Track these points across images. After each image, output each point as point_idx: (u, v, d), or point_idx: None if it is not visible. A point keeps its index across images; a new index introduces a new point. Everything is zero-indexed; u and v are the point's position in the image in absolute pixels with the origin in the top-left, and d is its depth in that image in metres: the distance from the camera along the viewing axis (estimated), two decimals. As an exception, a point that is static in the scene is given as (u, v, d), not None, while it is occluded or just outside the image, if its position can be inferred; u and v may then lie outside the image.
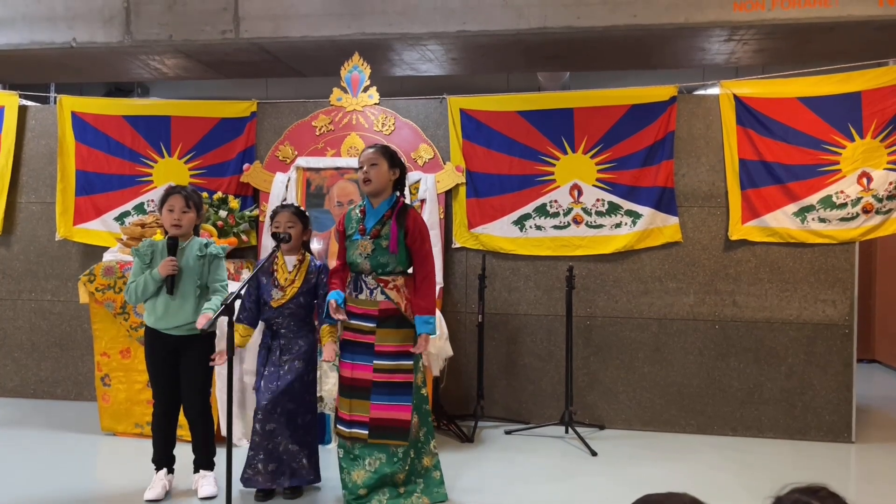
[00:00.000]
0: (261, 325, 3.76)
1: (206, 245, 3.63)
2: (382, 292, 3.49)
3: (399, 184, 3.61)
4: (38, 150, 5.65)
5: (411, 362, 3.50)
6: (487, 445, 4.60)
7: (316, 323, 3.73)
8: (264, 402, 3.57)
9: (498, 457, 4.37)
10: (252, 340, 3.88)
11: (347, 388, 3.53)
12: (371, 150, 3.57)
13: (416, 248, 3.52)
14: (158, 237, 3.73)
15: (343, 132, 5.16)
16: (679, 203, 4.94)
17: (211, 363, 3.52)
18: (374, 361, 3.47)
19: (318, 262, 3.74)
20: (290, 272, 3.64)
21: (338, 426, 3.58)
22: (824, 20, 4.64)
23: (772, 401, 4.84)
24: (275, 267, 3.66)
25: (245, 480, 3.58)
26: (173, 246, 3.54)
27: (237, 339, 3.59)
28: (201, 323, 3.43)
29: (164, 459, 3.68)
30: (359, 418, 3.47)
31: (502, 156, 5.09)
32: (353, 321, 3.53)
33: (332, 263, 3.79)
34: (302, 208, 3.83)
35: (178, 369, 3.61)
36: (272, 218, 3.73)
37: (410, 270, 3.60)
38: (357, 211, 3.62)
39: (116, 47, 5.42)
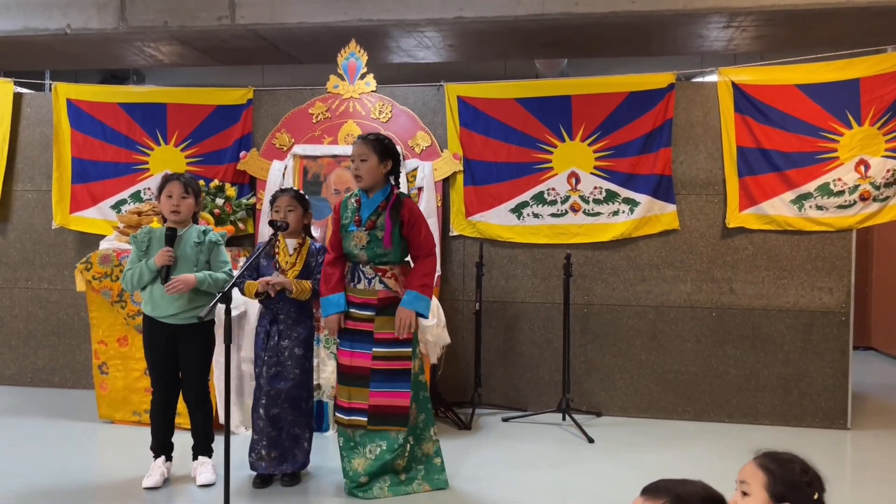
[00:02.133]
0: (258, 308, 3.76)
1: (205, 232, 3.62)
2: (381, 281, 3.49)
3: (393, 173, 3.56)
4: (34, 137, 5.62)
5: (409, 349, 3.50)
6: (485, 433, 4.62)
7: (315, 312, 3.74)
8: (268, 387, 3.59)
9: (495, 444, 4.39)
10: (249, 326, 3.88)
11: (346, 375, 3.53)
12: (360, 144, 3.50)
13: (414, 236, 3.50)
14: (156, 225, 3.72)
15: (340, 120, 5.14)
16: (677, 191, 4.93)
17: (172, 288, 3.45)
18: (374, 349, 3.47)
19: (318, 245, 3.74)
20: (290, 255, 3.65)
21: (337, 414, 3.58)
22: (823, 6, 4.61)
23: (768, 388, 4.85)
24: (276, 250, 3.66)
25: (251, 464, 3.62)
26: (172, 236, 3.52)
27: (250, 290, 3.56)
28: (175, 288, 3.41)
29: (162, 447, 3.68)
30: (358, 405, 3.47)
31: (500, 143, 5.08)
32: (351, 310, 3.52)
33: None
34: (301, 192, 3.81)
35: (177, 357, 3.61)
36: (272, 203, 3.71)
37: (408, 259, 3.59)
38: (353, 200, 3.58)
39: (111, 34, 5.37)
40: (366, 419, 3.46)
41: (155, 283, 3.53)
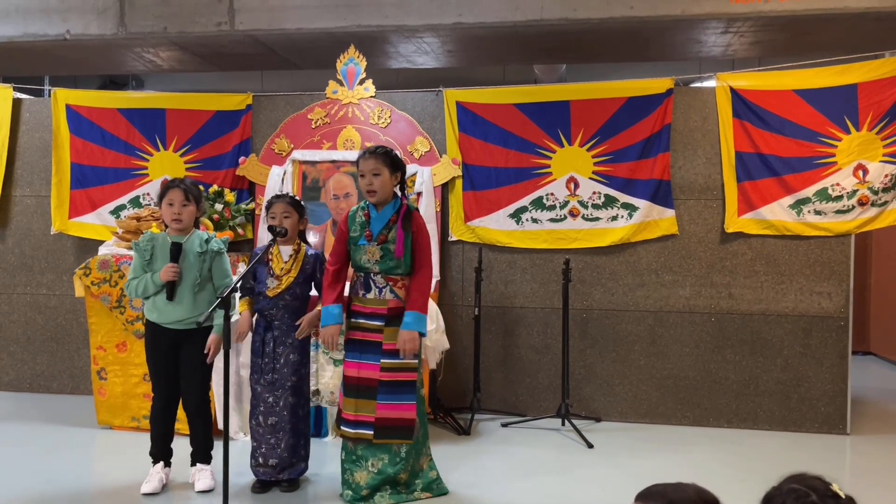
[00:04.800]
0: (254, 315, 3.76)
1: (207, 241, 3.61)
2: (392, 291, 3.48)
3: (400, 183, 3.56)
4: (33, 142, 5.62)
5: (416, 360, 3.49)
6: (484, 438, 4.61)
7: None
8: (265, 395, 3.60)
9: (494, 449, 4.38)
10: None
11: (353, 388, 3.48)
12: (371, 159, 3.46)
13: (416, 250, 3.50)
14: (155, 230, 3.72)
15: (339, 125, 5.15)
16: (675, 196, 4.94)
17: (208, 359, 3.53)
18: (382, 360, 3.44)
19: (313, 252, 3.74)
20: (285, 262, 3.64)
21: (342, 427, 3.53)
22: (821, 12, 4.63)
23: (767, 393, 4.85)
24: (269, 256, 3.65)
25: (252, 470, 3.66)
26: (176, 252, 3.52)
27: (247, 308, 3.66)
28: (213, 356, 3.57)
29: (161, 453, 3.68)
30: (364, 419, 3.43)
31: (499, 148, 5.08)
32: (360, 320, 3.50)
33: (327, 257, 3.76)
34: (297, 198, 3.81)
35: (178, 363, 3.61)
36: (267, 209, 3.71)
37: None
38: (361, 213, 3.54)
39: (110, 39, 5.38)
40: (372, 433, 3.43)
41: (160, 293, 3.53)
